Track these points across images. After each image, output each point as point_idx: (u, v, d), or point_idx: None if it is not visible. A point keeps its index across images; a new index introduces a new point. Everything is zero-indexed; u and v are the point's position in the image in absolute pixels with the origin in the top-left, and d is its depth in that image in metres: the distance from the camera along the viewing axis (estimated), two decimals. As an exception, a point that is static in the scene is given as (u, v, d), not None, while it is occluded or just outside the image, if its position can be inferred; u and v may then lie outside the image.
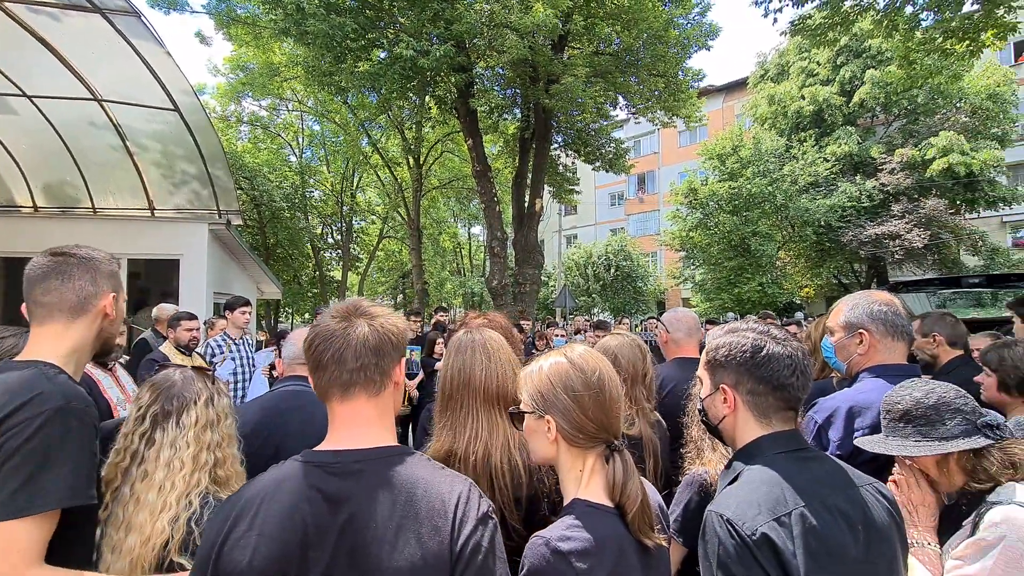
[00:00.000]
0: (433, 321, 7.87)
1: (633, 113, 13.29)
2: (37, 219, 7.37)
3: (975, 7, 5.63)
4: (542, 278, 17.59)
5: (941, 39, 5.85)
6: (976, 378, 1.96)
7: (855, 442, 1.39)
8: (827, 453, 1.52)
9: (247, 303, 4.73)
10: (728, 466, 1.13)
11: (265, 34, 12.68)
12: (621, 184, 32.84)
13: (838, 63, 19.69)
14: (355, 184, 24.51)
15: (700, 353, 1.28)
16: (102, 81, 6.33)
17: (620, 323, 9.77)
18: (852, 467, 1.12)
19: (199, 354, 4.22)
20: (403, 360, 1.03)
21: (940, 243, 17.49)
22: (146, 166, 7.38)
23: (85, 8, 5.20)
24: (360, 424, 0.96)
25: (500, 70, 11.42)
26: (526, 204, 12.15)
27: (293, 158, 24.13)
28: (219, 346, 4.45)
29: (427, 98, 11.85)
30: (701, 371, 1.22)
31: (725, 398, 1.13)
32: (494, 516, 0.93)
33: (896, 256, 17.69)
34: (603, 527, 0.99)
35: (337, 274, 26.42)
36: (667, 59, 11.06)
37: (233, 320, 4.62)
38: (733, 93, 28.57)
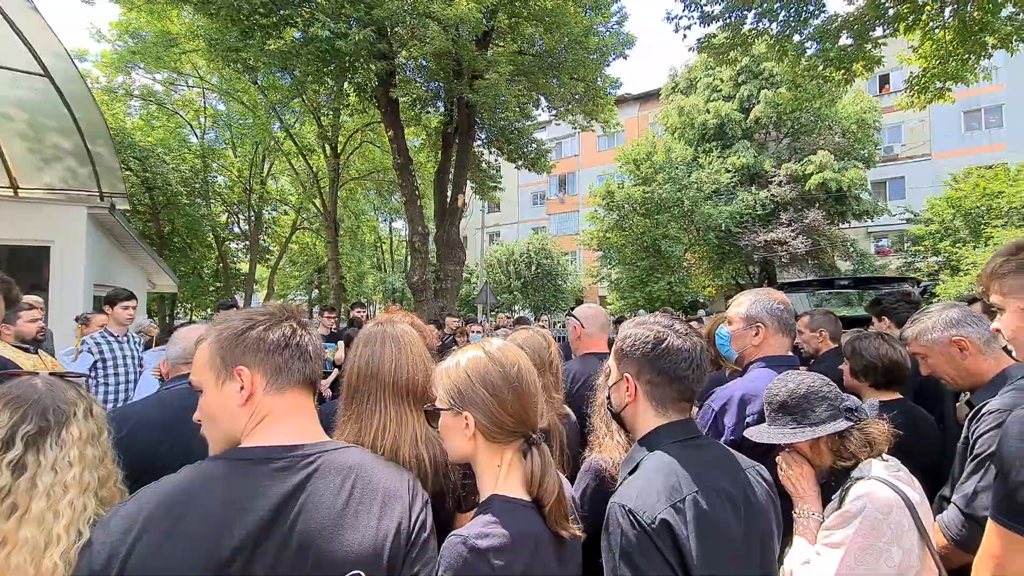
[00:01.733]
0: (350, 317, 7.57)
1: (554, 114, 13.62)
2: None
3: (849, 41, 6.39)
4: (464, 275, 17.53)
5: (822, 67, 6.59)
6: (840, 367, 2.22)
7: (744, 433, 1.52)
8: (717, 440, 1.66)
9: (131, 296, 4.24)
10: (628, 455, 1.19)
11: (160, -1, 11.45)
12: (543, 184, 33.54)
13: (739, 81, 21.46)
14: (265, 171, 22.88)
15: (609, 348, 1.34)
16: (-53, 35, 5.39)
17: (541, 320, 10.00)
18: (738, 452, 1.23)
19: (46, 350, 3.61)
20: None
21: (818, 249, 19.70)
22: (8, 137, 6.41)
23: (-77, -54, 4.42)
24: (304, 418, 0.99)
25: (423, 61, 11.19)
26: (448, 200, 12.03)
27: (194, 139, 22.02)
28: (97, 343, 3.96)
29: (346, 84, 11.34)
30: (611, 360, 1.28)
31: (627, 387, 1.18)
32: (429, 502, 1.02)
33: (783, 260, 19.74)
34: (520, 522, 0.99)
35: (244, 267, 24.58)
36: (587, 64, 11.46)
37: (115, 316, 4.12)
38: (648, 102, 30.16)
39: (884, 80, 23.49)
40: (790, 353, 1.90)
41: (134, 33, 17.60)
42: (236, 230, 24.64)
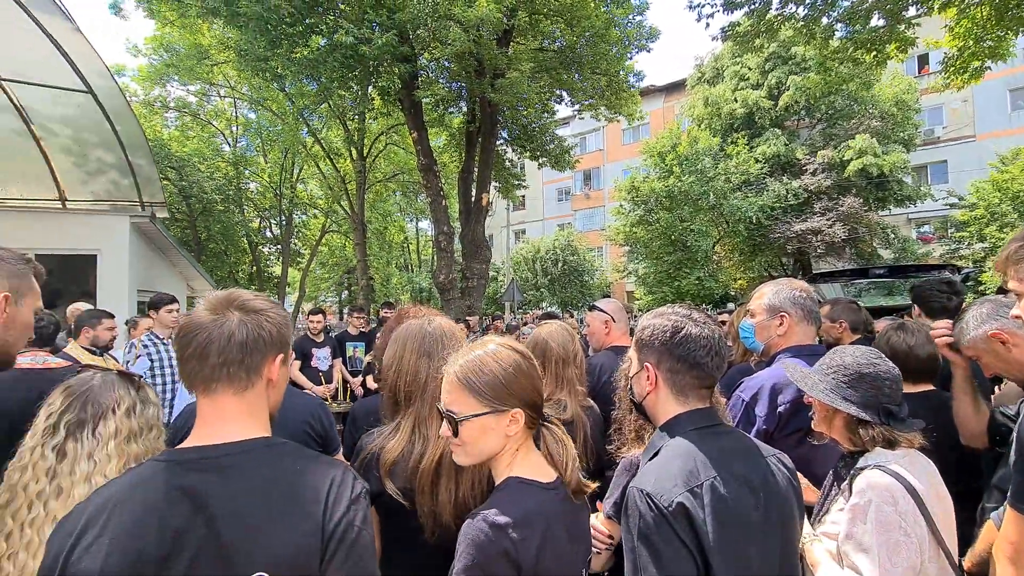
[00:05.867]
0: (380, 317, 7.72)
1: (577, 109, 13.54)
2: (-76, 210, 6.61)
3: (881, 22, 6.16)
4: (490, 273, 17.62)
5: (852, 49, 6.37)
6: None
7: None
8: (748, 430, 1.65)
9: (174, 300, 4.46)
10: (650, 442, 1.20)
11: (192, 13, 11.86)
12: (568, 180, 33.38)
13: (766, 68, 20.88)
14: (295, 176, 23.48)
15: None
16: (1, 59, 5.73)
17: (565, 316, 9.99)
18: (762, 441, 1.23)
19: (112, 355, 3.94)
20: (280, 356, 1.00)
21: (857, 237, 19.02)
22: (55, 153, 6.76)
23: (-23, -25, 4.70)
24: (224, 420, 0.93)
25: (445, 62, 11.29)
26: (473, 199, 12.11)
27: (226, 147, 22.76)
28: (144, 346, 4.17)
29: (370, 88, 11.54)
30: (631, 351, 1.30)
31: (648, 376, 1.20)
32: (367, 497, 0.95)
33: (818, 250, 19.13)
34: (533, 499, 1.04)
35: (277, 270, 25.28)
36: (608, 58, 11.35)
37: (159, 319, 4.34)
38: (673, 94, 29.65)
39: (923, 60, 22.46)
40: (816, 342, 1.87)
41: (168, 47, 18.26)
42: (268, 234, 25.37)
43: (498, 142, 13.06)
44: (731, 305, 18.83)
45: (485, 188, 12.13)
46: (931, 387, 1.95)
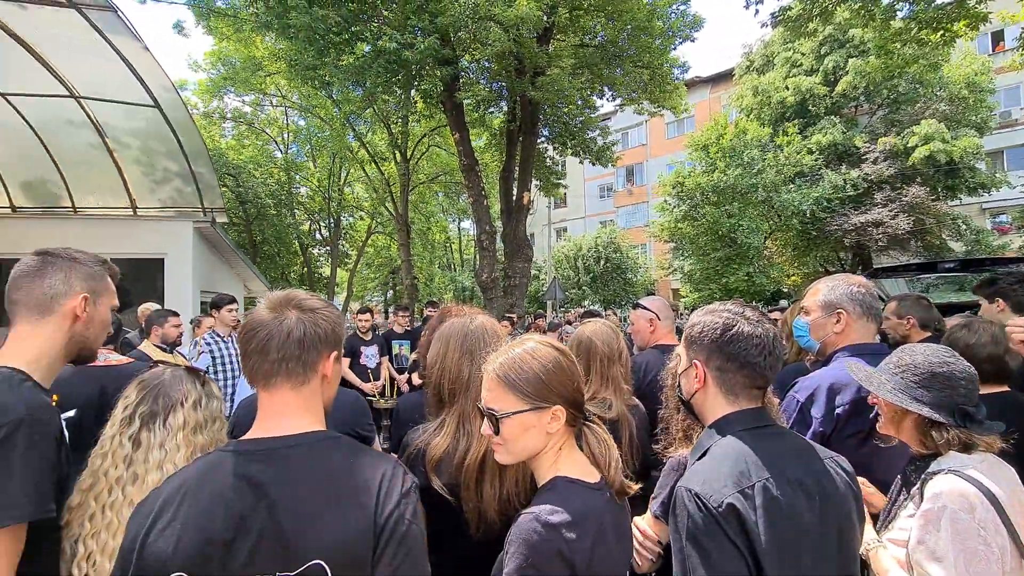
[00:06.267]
0: (424, 316, 7.87)
1: (619, 104, 13.33)
2: (16, 220, 7.25)
3: (949, -3, 5.73)
4: (532, 271, 17.62)
5: (916, 29, 5.95)
6: None
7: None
8: (804, 432, 1.58)
9: (233, 300, 4.71)
10: (698, 441, 1.18)
11: (246, 27, 12.48)
12: (610, 176, 32.92)
13: (822, 53, 19.84)
14: (342, 179, 24.29)
15: (677, 339, 1.33)
16: (79, 78, 6.22)
17: (608, 314, 9.86)
18: (819, 444, 1.18)
19: (180, 352, 4.20)
20: (335, 353, 1.04)
21: (923, 229, 17.78)
22: (127, 164, 7.27)
23: (59, 3, 5.11)
24: (283, 413, 0.98)
25: (485, 63, 11.37)
26: (514, 197, 12.15)
27: (279, 154, 23.84)
28: (207, 344, 4.43)
29: (413, 92, 11.78)
30: (680, 347, 1.28)
31: (696, 374, 1.17)
32: (416, 492, 0.97)
33: (880, 243, 17.99)
34: (584, 500, 1.03)
35: (326, 271, 26.24)
36: (652, 50, 11.11)
37: (220, 318, 4.60)
38: (720, 84, 28.69)
39: (997, 37, 20.69)
40: (877, 340, 1.77)
41: (225, 61, 19.29)
42: (318, 236, 26.37)
43: (539, 140, 13.04)
44: (783, 302, 18.05)
45: (526, 187, 12.14)
46: (1006, 388, 1.81)
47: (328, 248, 25.71)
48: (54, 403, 1.19)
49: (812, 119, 20.07)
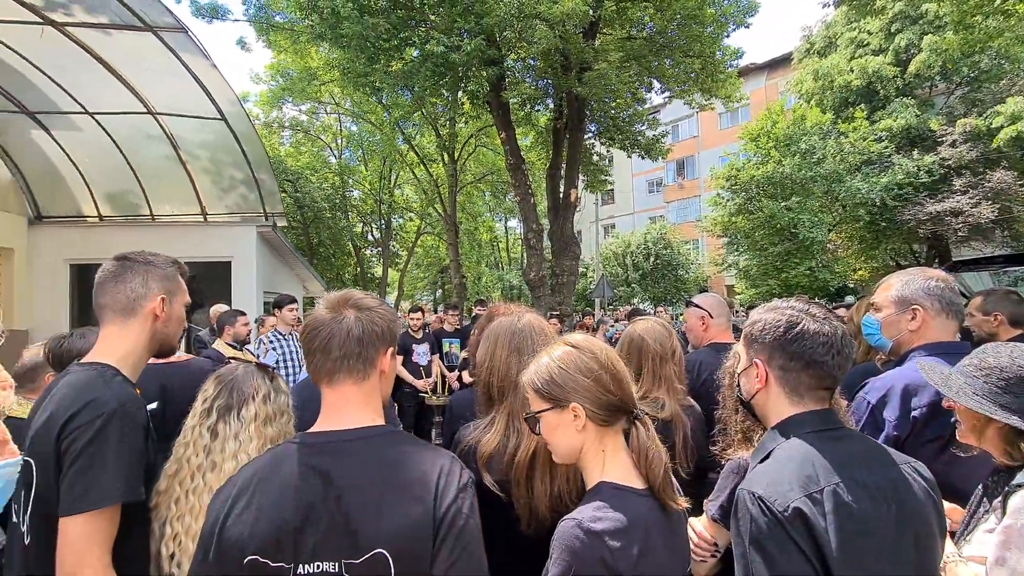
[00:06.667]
0: (473, 315, 7.98)
1: (669, 97, 12.96)
2: (102, 227, 7.93)
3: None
4: (580, 269, 17.46)
5: (1000, 0, 5.42)
6: None
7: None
8: (876, 436, 1.48)
9: (294, 300, 4.96)
10: (760, 443, 1.13)
11: (302, 39, 13.05)
12: (659, 171, 32.12)
13: (892, 31, 18.47)
14: (392, 182, 25.00)
15: (734, 338, 1.28)
16: (155, 95, 6.72)
17: (658, 312, 9.62)
18: (895, 449, 1.10)
19: (248, 349, 4.46)
20: (391, 349, 1.08)
21: (1011, 218, 16.23)
22: (197, 174, 7.80)
23: (138, 28, 5.53)
24: (346, 408, 1.02)
25: (531, 61, 11.35)
26: (561, 195, 12.08)
27: (333, 159, 24.84)
28: (271, 341, 4.69)
29: (459, 94, 11.93)
30: (739, 345, 1.23)
31: (757, 373, 1.13)
32: (472, 487, 1.00)
33: (960, 234, 16.55)
34: (631, 507, 1.01)
35: (378, 271, 27.09)
36: (703, 39, 10.70)
37: (282, 317, 4.85)
38: (777, 70, 27.35)
39: (1101, 0, 18.61)
40: (957, 338, 1.63)
41: (283, 73, 20.29)
42: (370, 238, 27.27)
43: (586, 136, 12.89)
44: (849, 298, 17.00)
45: (573, 184, 12.04)
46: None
47: (380, 249, 26.53)
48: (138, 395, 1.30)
49: (880, 102, 18.74)
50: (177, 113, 6.94)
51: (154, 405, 1.91)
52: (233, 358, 1.53)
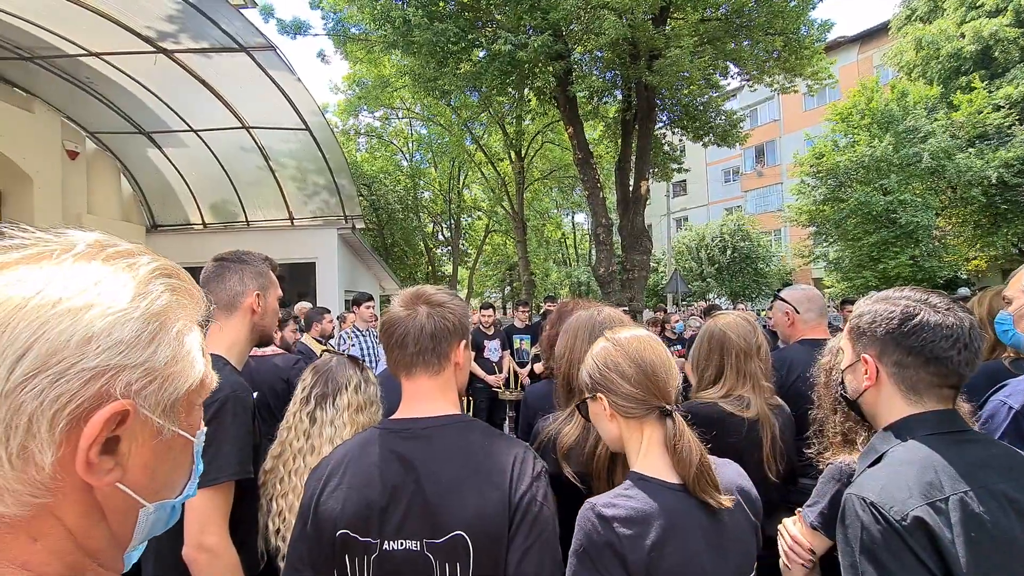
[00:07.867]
0: (543, 311, 7.98)
1: (747, 80, 12.21)
2: (206, 234, 8.76)
3: None
4: (651, 264, 16.92)
5: None
6: None
7: None
8: (1019, 444, 1.31)
9: (371, 298, 5.21)
10: (869, 445, 1.03)
11: (376, 49, 13.64)
12: (736, 159, 30.43)
13: (1011, -13, 16.30)
14: (461, 182, 25.59)
15: (829, 334, 1.18)
16: (248, 110, 7.31)
17: (738, 308, 9.13)
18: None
19: (331, 345, 4.74)
20: (463, 342, 1.13)
21: None
22: (285, 181, 8.41)
23: (234, 49, 6.03)
24: (424, 398, 1.08)
25: (599, 52, 11.13)
26: (631, 188, 11.76)
27: (404, 163, 25.84)
28: (350, 336, 4.95)
29: (526, 91, 11.94)
30: (843, 340, 1.14)
31: (866, 370, 1.03)
32: (546, 476, 1.04)
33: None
34: (652, 498, 1.00)
35: (448, 269, 27.85)
36: (785, 14, 9.96)
37: (359, 314, 5.10)
38: (871, 42, 24.94)
39: None
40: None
41: (359, 82, 21.35)
42: (440, 237, 28.10)
43: (657, 126, 12.46)
44: (963, 290, 15.21)
45: (644, 176, 11.68)
46: None
47: (450, 248, 27.26)
48: None
49: (998, 69, 16.56)
50: (267, 126, 7.52)
51: (255, 394, 2.09)
52: (325, 351, 1.66)
